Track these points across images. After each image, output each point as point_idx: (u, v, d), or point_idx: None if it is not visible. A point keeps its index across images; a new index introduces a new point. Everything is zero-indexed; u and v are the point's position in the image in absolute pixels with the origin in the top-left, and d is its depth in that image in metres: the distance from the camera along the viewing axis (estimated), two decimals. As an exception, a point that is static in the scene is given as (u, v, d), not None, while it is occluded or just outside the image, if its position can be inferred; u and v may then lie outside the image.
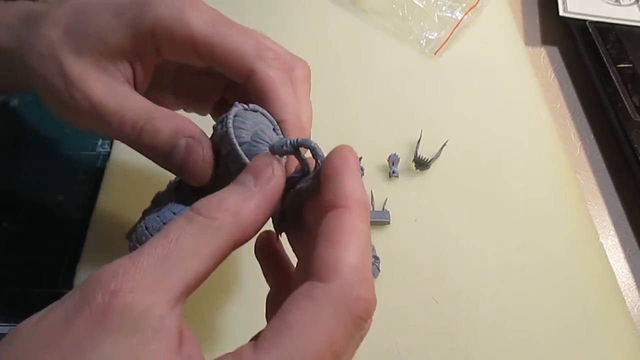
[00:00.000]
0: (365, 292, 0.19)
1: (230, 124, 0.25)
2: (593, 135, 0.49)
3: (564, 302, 0.36)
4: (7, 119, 0.47)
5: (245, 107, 0.26)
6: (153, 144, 0.26)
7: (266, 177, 0.22)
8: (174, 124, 0.26)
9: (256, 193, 0.22)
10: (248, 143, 0.25)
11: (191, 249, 0.20)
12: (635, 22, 0.53)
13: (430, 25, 0.53)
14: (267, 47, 0.28)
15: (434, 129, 0.45)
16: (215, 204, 0.21)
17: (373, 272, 0.36)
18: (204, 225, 0.20)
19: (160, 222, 0.27)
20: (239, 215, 0.21)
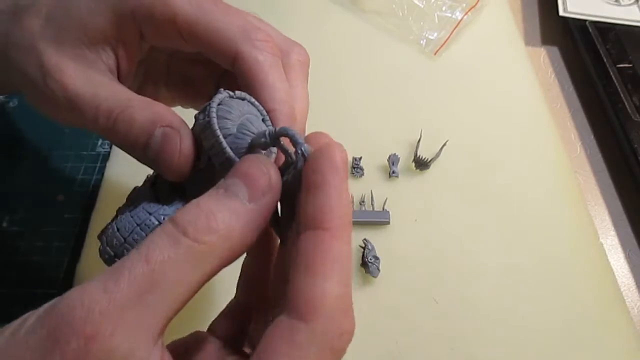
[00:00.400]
0: (348, 323, 0.18)
1: (213, 113, 0.22)
2: (593, 135, 0.49)
3: (564, 301, 0.36)
4: (7, 119, 0.47)
5: (232, 94, 0.24)
6: (128, 134, 0.24)
7: (261, 189, 0.20)
8: (151, 112, 0.24)
9: (250, 210, 0.19)
10: (233, 135, 0.23)
11: (176, 279, 0.17)
12: (635, 22, 0.53)
13: (430, 25, 0.53)
14: (256, 27, 0.25)
15: (434, 129, 0.45)
16: (203, 224, 0.18)
17: (373, 272, 0.36)
18: (190, 250, 0.18)
19: (134, 223, 0.24)
20: (230, 237, 0.18)
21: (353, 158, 0.43)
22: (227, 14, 0.25)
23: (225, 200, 0.19)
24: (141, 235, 0.23)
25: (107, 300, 0.16)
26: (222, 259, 0.18)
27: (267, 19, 0.28)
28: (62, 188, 0.43)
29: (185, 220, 0.18)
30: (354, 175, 0.42)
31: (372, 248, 0.37)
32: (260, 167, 0.20)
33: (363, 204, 0.40)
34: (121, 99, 0.24)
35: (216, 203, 0.19)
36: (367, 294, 0.36)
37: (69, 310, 0.16)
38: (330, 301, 0.17)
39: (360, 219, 0.39)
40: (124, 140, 0.24)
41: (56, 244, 0.39)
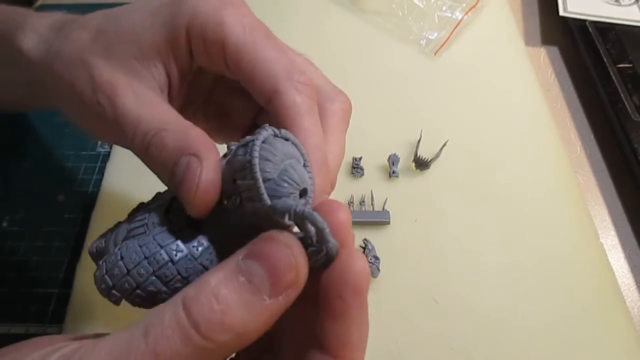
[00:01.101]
0: None
1: (256, 152, 0.20)
2: (593, 135, 0.49)
3: (564, 301, 0.36)
4: (7, 119, 0.47)
5: (277, 132, 0.21)
6: (158, 159, 0.22)
7: (286, 286, 0.18)
8: (183, 138, 0.22)
9: (269, 307, 0.17)
10: (273, 181, 0.20)
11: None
12: (635, 22, 0.53)
13: (430, 25, 0.53)
14: (301, 70, 0.24)
15: (434, 129, 0.45)
16: (218, 320, 0.17)
17: (373, 272, 0.36)
18: (201, 348, 0.17)
19: (142, 255, 0.21)
20: (243, 336, 0.17)
21: (353, 158, 0.43)
22: (277, 50, 0.24)
23: (245, 293, 0.17)
24: (148, 270, 0.21)
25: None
26: (229, 352, 0.18)
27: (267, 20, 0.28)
28: (62, 188, 0.43)
29: (199, 313, 0.17)
30: (354, 175, 0.42)
31: (372, 248, 0.37)
32: (289, 258, 0.18)
33: (363, 204, 0.40)
34: (161, 121, 0.23)
35: (234, 295, 0.17)
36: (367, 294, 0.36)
37: None
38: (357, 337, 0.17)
39: (360, 219, 0.39)
40: (153, 165, 0.23)
41: (56, 244, 0.39)
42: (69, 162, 0.44)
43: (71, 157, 0.45)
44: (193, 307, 0.17)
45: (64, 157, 0.45)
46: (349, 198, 0.40)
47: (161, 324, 0.17)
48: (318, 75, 0.27)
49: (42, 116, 0.47)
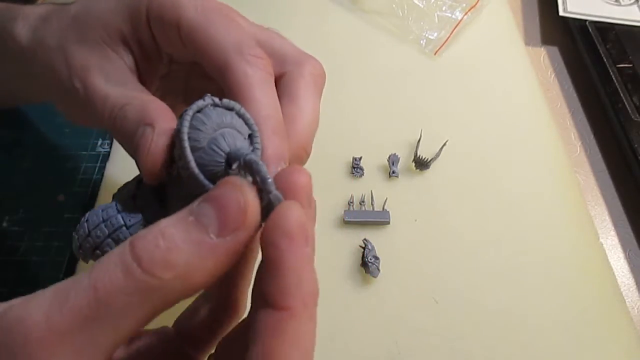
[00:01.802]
0: None
1: (186, 121, 0.20)
2: (593, 135, 0.49)
3: (564, 302, 0.36)
4: (7, 119, 0.47)
5: (216, 102, 0.21)
6: (121, 130, 0.24)
7: (234, 225, 0.17)
8: (142, 109, 0.23)
9: (217, 247, 0.17)
10: (202, 150, 0.20)
11: (122, 311, 0.16)
12: (635, 22, 0.53)
13: (430, 25, 0.53)
14: (253, 43, 0.24)
15: (434, 129, 0.45)
16: (160, 256, 0.16)
17: (373, 272, 0.36)
18: (142, 283, 0.16)
19: (101, 217, 0.23)
20: (189, 276, 0.17)
21: (353, 158, 0.43)
22: (229, 25, 0.24)
23: (192, 231, 0.17)
24: (104, 232, 0.23)
25: (47, 328, 0.15)
26: (175, 295, 0.17)
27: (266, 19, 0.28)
28: (62, 188, 0.43)
29: (143, 248, 0.16)
30: (354, 175, 0.42)
31: (372, 248, 0.37)
32: (237, 198, 0.17)
33: (363, 204, 0.40)
34: (126, 97, 0.24)
35: (181, 233, 0.17)
36: (367, 294, 0.36)
37: (8, 332, 0.15)
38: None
39: (360, 219, 0.39)
40: (119, 137, 0.24)
41: (56, 244, 0.39)
42: (69, 162, 0.44)
43: (71, 157, 0.45)
44: (138, 243, 0.17)
45: (64, 157, 0.45)
46: (349, 198, 0.40)
47: (106, 261, 0.17)
48: (284, 44, 0.27)
49: (42, 116, 0.47)
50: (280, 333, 0.16)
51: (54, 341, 0.15)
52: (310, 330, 0.17)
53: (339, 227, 0.39)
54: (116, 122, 0.24)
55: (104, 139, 0.46)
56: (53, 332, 0.15)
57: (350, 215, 0.39)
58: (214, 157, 0.20)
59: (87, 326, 0.16)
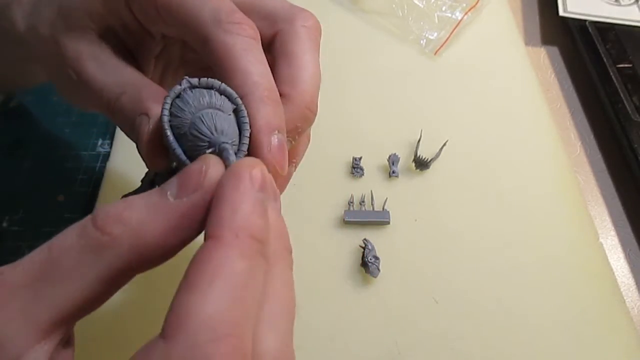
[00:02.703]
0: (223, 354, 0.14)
1: (166, 110, 0.20)
2: (593, 135, 0.49)
3: (564, 302, 0.36)
4: (7, 119, 0.47)
5: (194, 83, 0.21)
6: (122, 123, 0.23)
7: (191, 186, 0.17)
8: (136, 99, 0.23)
9: (172, 207, 0.17)
10: (185, 136, 0.20)
11: (74, 269, 0.16)
12: (635, 22, 0.53)
13: (430, 25, 0.53)
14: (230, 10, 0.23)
15: (434, 129, 0.45)
16: (114, 214, 0.16)
17: (373, 272, 0.36)
18: (93, 240, 0.16)
19: None
20: (140, 234, 0.16)
21: (353, 158, 0.43)
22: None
23: (152, 195, 0.17)
24: None
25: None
26: (129, 255, 0.16)
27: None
28: (62, 188, 0.43)
29: (102, 209, 0.17)
30: (354, 175, 0.42)
31: (372, 248, 0.37)
32: (199, 165, 0.18)
33: (363, 204, 0.40)
34: (120, 84, 0.24)
35: (140, 198, 0.17)
36: (367, 294, 0.36)
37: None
38: (198, 319, 0.14)
39: (360, 219, 0.39)
40: (122, 129, 0.24)
41: (56, 244, 0.39)
42: (69, 162, 0.44)
43: (71, 157, 0.45)
44: (100, 207, 0.17)
45: (64, 157, 0.45)
46: (349, 198, 0.40)
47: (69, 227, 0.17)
48: (271, 1, 0.26)
49: (42, 116, 0.47)
50: (204, 260, 0.15)
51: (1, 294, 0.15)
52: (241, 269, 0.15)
53: (339, 227, 0.39)
54: (115, 114, 0.24)
55: (104, 139, 0.46)
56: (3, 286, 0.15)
57: (350, 215, 0.39)
58: (196, 142, 0.20)
59: (37, 285, 0.15)
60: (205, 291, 0.15)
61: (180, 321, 0.14)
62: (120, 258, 0.16)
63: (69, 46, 0.25)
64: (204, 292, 0.14)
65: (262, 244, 0.17)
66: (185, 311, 0.14)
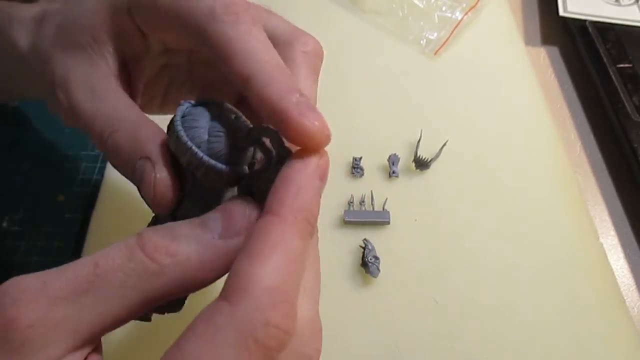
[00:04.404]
0: (279, 318, 0.16)
1: (179, 125, 0.21)
2: (593, 135, 0.49)
3: (564, 302, 0.36)
4: (7, 119, 0.47)
5: (193, 103, 0.22)
6: (117, 162, 0.23)
7: (237, 229, 0.19)
8: (134, 139, 0.22)
9: (217, 247, 0.18)
10: (206, 141, 0.21)
11: (118, 288, 0.17)
12: (635, 22, 0.53)
13: (430, 25, 0.53)
14: (226, 3, 0.22)
15: (434, 129, 0.45)
16: (163, 245, 0.18)
17: (373, 272, 0.36)
18: (142, 266, 0.17)
19: None
20: (186, 267, 0.18)
21: (353, 158, 0.43)
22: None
23: (196, 230, 0.19)
24: None
25: (40, 291, 0.16)
26: (171, 285, 0.18)
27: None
28: (62, 188, 0.43)
29: (148, 237, 0.18)
30: (354, 175, 0.42)
31: (372, 248, 0.37)
32: (243, 207, 0.19)
33: (363, 204, 0.40)
34: (113, 118, 0.23)
35: (187, 230, 0.18)
36: (367, 294, 0.36)
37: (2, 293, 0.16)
38: (260, 287, 0.16)
39: (360, 219, 0.39)
40: (112, 162, 0.24)
41: (56, 244, 0.39)
42: (69, 162, 0.44)
43: (71, 157, 0.45)
44: (145, 233, 0.18)
45: (64, 157, 0.45)
46: (349, 198, 0.40)
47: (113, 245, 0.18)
48: (272, 20, 0.25)
49: (42, 116, 0.47)
50: (265, 234, 0.17)
51: (44, 303, 0.16)
52: (297, 246, 0.18)
53: (339, 227, 0.39)
54: (107, 149, 0.23)
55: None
56: (46, 295, 0.16)
57: (350, 215, 0.39)
58: (220, 140, 0.21)
59: (80, 297, 0.16)
60: (265, 262, 0.16)
61: (243, 287, 0.16)
62: (164, 286, 0.17)
63: (60, 65, 0.24)
64: (264, 263, 0.16)
65: (313, 227, 0.19)
66: (247, 278, 0.16)
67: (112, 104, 0.24)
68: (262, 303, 0.16)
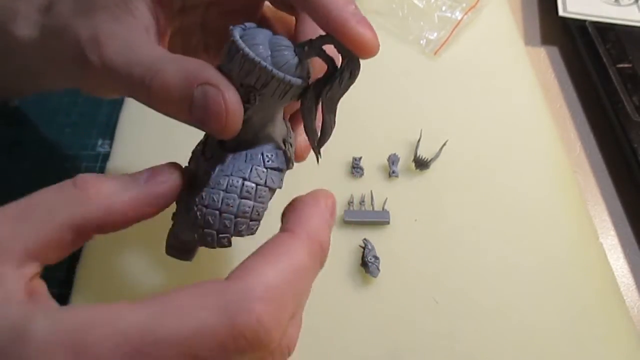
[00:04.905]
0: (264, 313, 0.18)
1: (241, 44, 0.21)
2: (593, 135, 0.49)
3: (563, 302, 0.36)
4: (7, 119, 0.47)
5: (244, 26, 0.23)
6: (167, 101, 0.22)
7: (160, 179, 0.22)
8: (184, 71, 0.22)
9: (139, 188, 0.21)
10: (270, 56, 0.21)
11: (46, 214, 0.20)
12: (635, 22, 0.53)
13: (430, 25, 0.53)
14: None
15: (434, 129, 0.45)
16: (92, 181, 0.20)
17: (373, 272, 0.36)
18: (69, 194, 0.20)
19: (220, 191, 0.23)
20: (109, 200, 0.20)
21: (353, 158, 0.43)
22: None
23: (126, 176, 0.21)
24: (233, 198, 0.23)
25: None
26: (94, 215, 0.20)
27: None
28: (62, 188, 0.43)
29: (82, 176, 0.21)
30: (354, 175, 0.42)
31: (372, 248, 0.37)
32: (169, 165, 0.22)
33: (363, 204, 0.40)
34: (153, 62, 0.23)
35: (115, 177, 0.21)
36: (367, 294, 0.36)
37: None
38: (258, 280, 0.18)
39: (360, 219, 0.39)
40: (165, 107, 0.23)
41: (56, 244, 0.39)
42: (69, 162, 0.44)
43: (71, 157, 0.45)
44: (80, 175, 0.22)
45: (64, 157, 0.45)
46: (349, 198, 0.40)
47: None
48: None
49: (42, 116, 0.47)
50: (278, 244, 0.20)
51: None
52: (303, 262, 0.20)
53: (339, 227, 0.39)
54: (155, 94, 0.22)
55: (104, 139, 0.46)
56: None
57: (350, 215, 0.39)
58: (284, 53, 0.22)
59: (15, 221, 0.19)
60: (271, 263, 0.19)
61: (243, 275, 0.19)
62: (88, 213, 0.20)
63: (88, 30, 0.24)
64: (270, 263, 0.19)
65: (324, 254, 0.21)
66: (249, 270, 0.19)
67: (147, 53, 0.23)
68: (254, 294, 0.18)
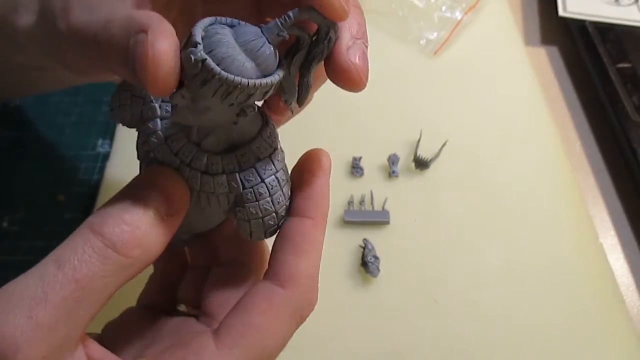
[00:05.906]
0: (314, 297, 0.22)
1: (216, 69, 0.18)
2: (593, 135, 0.49)
3: (564, 302, 0.36)
4: (7, 119, 0.47)
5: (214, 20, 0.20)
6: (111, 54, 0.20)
7: (179, 205, 0.21)
8: (127, 20, 0.19)
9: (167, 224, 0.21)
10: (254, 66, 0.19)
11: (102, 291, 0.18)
12: (634, 22, 0.53)
13: (430, 25, 0.53)
14: None
15: (434, 129, 0.45)
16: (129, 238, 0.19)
17: (373, 272, 0.36)
18: (118, 264, 0.19)
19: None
20: (151, 250, 0.20)
21: (353, 158, 0.43)
22: None
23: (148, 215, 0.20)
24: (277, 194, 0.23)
25: (33, 328, 0.17)
26: (140, 268, 0.20)
27: (267, 19, 0.27)
28: (62, 188, 0.43)
29: (112, 233, 0.19)
30: (354, 175, 0.42)
31: (372, 248, 0.37)
32: (179, 183, 0.22)
33: (363, 204, 0.40)
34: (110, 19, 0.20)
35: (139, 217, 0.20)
36: (367, 294, 0.36)
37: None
38: (306, 276, 0.22)
39: (360, 219, 0.39)
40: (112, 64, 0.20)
41: (56, 244, 0.39)
42: (69, 162, 0.44)
43: (71, 157, 0.45)
44: (106, 231, 0.19)
45: (64, 157, 0.45)
46: (349, 198, 0.40)
47: (75, 253, 0.19)
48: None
49: (42, 115, 0.47)
50: (308, 235, 0.22)
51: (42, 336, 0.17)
52: (322, 241, 0.23)
53: (339, 227, 0.39)
54: (102, 47, 0.20)
55: (103, 139, 0.46)
56: (41, 327, 0.17)
57: (350, 215, 0.39)
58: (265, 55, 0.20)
59: (72, 314, 0.18)
60: (308, 258, 0.22)
61: (294, 277, 0.21)
62: (135, 271, 0.20)
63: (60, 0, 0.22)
64: (307, 259, 0.22)
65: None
66: (295, 270, 0.21)
67: (108, 10, 0.21)
68: (307, 288, 0.22)
